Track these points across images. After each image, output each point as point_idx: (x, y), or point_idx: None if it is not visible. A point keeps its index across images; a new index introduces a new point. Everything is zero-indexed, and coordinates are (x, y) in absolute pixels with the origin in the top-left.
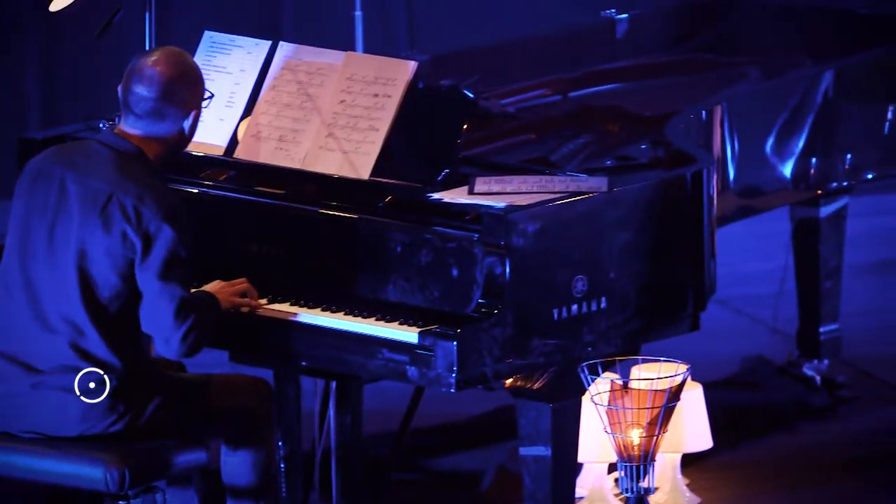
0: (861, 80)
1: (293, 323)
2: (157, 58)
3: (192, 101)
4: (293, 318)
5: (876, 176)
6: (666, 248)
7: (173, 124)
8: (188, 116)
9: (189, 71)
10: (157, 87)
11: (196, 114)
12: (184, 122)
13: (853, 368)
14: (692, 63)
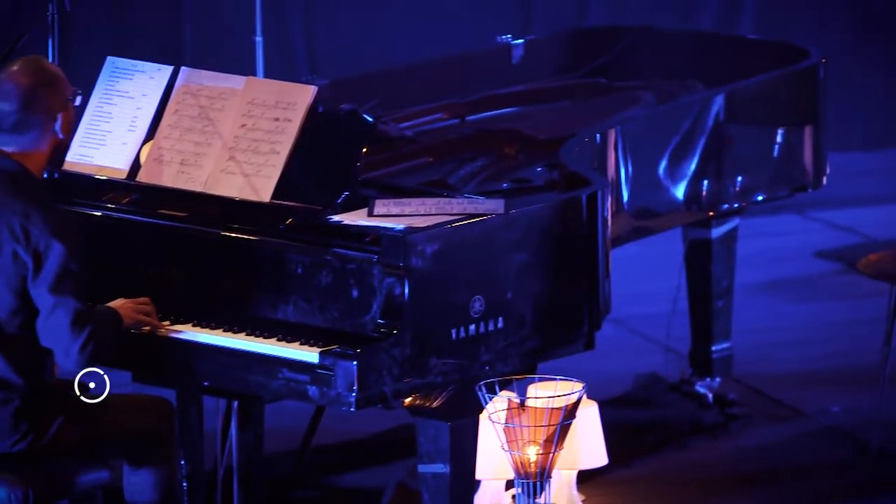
0: (751, 104)
1: (195, 344)
2: (12, 71)
3: (55, 104)
4: (195, 338)
5: (766, 198)
6: (562, 269)
7: (43, 132)
8: (56, 120)
9: (46, 75)
10: (16, 98)
11: (65, 115)
12: (55, 125)
13: (744, 386)
14: (587, 87)
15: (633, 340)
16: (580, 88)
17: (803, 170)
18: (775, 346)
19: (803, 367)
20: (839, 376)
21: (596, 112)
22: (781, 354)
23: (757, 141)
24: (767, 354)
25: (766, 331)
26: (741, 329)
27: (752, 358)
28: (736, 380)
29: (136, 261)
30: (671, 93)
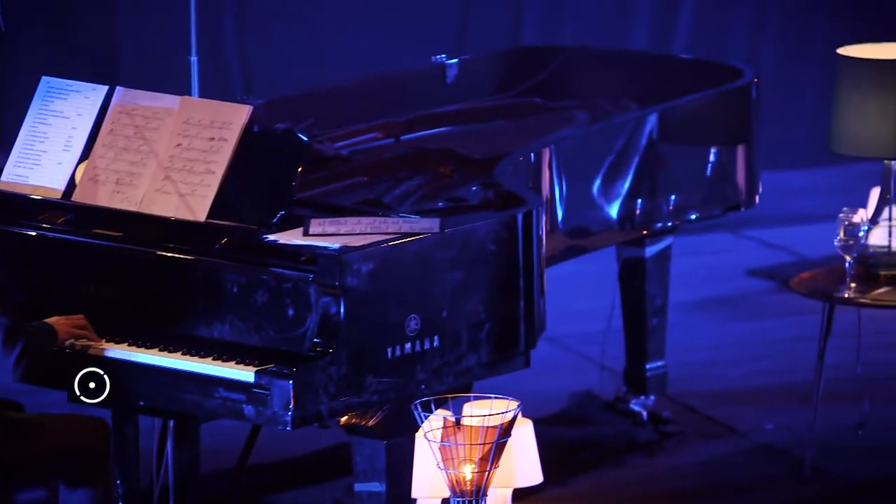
0: (684, 123)
1: (131, 363)
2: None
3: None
4: (130, 358)
5: (699, 216)
6: (497, 288)
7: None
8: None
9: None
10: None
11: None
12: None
13: (678, 404)
14: (521, 107)
15: (568, 359)
16: (515, 108)
17: (736, 188)
18: (709, 363)
19: (737, 385)
20: (773, 394)
21: (531, 131)
22: (715, 372)
23: (690, 160)
24: (701, 372)
25: (700, 349)
26: (675, 347)
27: (686, 376)
28: (670, 397)
29: (72, 280)
30: (605, 112)
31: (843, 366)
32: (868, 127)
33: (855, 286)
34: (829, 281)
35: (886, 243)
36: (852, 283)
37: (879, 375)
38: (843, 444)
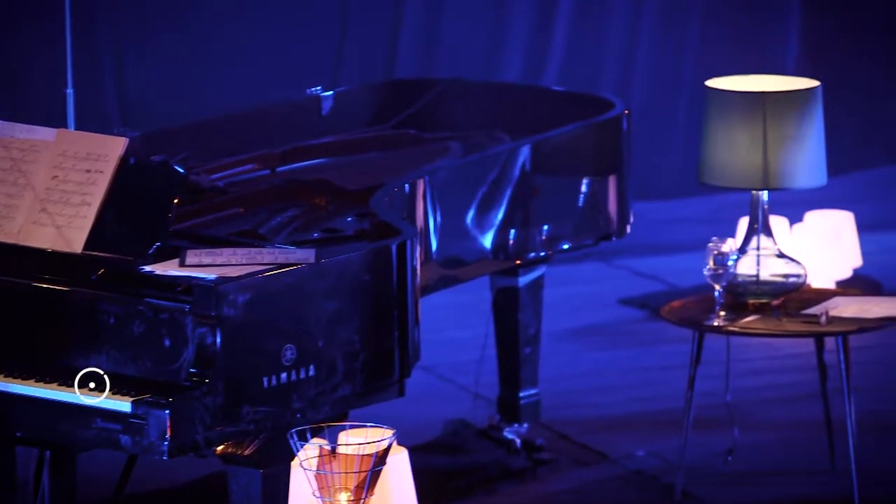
0: (556, 154)
1: (7, 394)
2: None
3: None
4: (7, 389)
5: (571, 246)
6: (372, 317)
7: None
8: None
9: None
10: None
11: None
12: None
13: (551, 431)
14: (396, 138)
15: (443, 387)
16: (390, 139)
17: (608, 218)
18: (581, 391)
19: (609, 413)
20: (644, 421)
21: (405, 162)
22: (588, 400)
23: (562, 191)
24: (574, 400)
25: (573, 377)
26: (548, 375)
27: (559, 403)
28: (543, 425)
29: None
30: (479, 144)
31: (713, 393)
32: (736, 158)
33: (724, 314)
34: (699, 309)
35: (755, 272)
36: (722, 311)
37: (748, 402)
38: (712, 470)
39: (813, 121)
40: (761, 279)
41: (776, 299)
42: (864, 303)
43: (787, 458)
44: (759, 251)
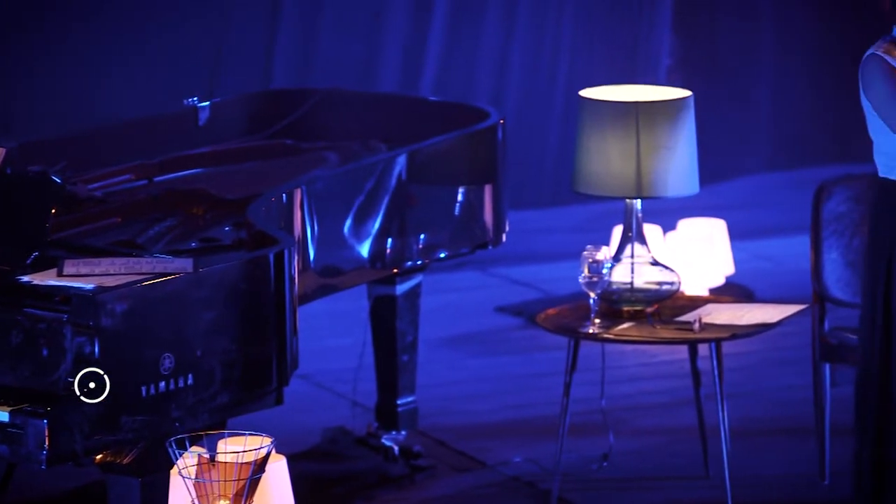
0: (432, 164)
1: None
2: None
3: None
4: None
5: (448, 255)
6: (250, 326)
7: None
8: None
9: None
10: None
11: None
12: None
13: (429, 438)
14: (273, 148)
15: (321, 395)
16: (267, 149)
17: (484, 227)
18: (459, 398)
19: (486, 419)
20: (521, 427)
21: (283, 172)
22: (465, 407)
23: (439, 200)
24: (451, 407)
25: (450, 384)
26: (426, 383)
27: (436, 410)
28: (421, 432)
29: None
30: (355, 153)
31: (588, 399)
32: (609, 167)
33: (599, 322)
34: (575, 317)
35: (629, 280)
36: (596, 318)
37: (623, 408)
38: (587, 476)
39: (685, 130)
40: (635, 287)
41: (650, 306)
42: (736, 310)
43: (662, 463)
44: (633, 259)
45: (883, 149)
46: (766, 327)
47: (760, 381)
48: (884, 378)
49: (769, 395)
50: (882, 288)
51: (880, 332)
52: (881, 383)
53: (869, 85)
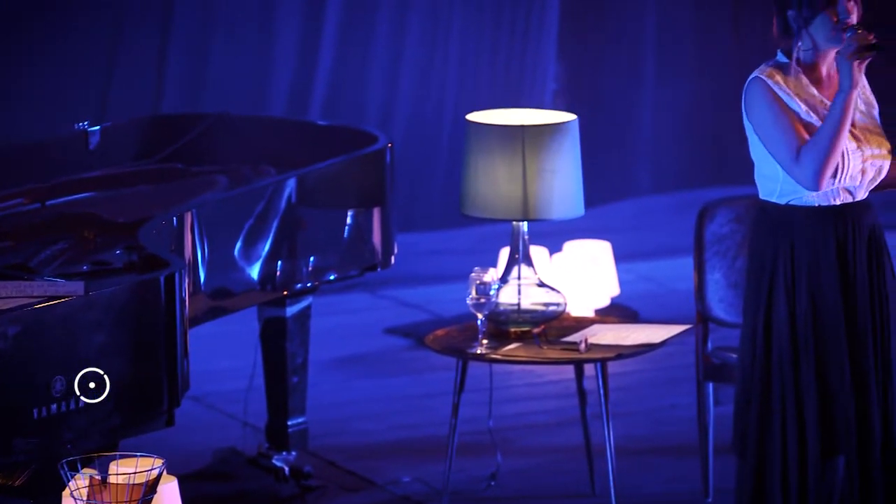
0: (322, 187)
1: None
2: None
3: None
4: None
5: (337, 277)
6: (141, 348)
7: None
8: None
9: None
10: None
11: None
12: None
13: (319, 459)
14: (164, 172)
15: (212, 416)
16: (158, 173)
17: (373, 250)
18: (349, 419)
19: (375, 439)
20: (409, 447)
21: (173, 196)
22: (354, 427)
23: (328, 223)
24: (341, 427)
25: (340, 405)
26: (316, 404)
27: (326, 431)
28: (311, 453)
29: None
30: (245, 177)
31: (476, 419)
32: (496, 190)
33: (487, 343)
34: (463, 338)
35: (516, 301)
36: (484, 339)
37: (510, 428)
38: (476, 495)
39: (570, 153)
40: (522, 308)
41: (537, 327)
42: (621, 330)
43: (549, 482)
44: (520, 280)
45: (764, 171)
46: (650, 347)
47: (645, 401)
48: (764, 397)
49: (654, 413)
50: (763, 309)
51: (760, 351)
52: (761, 402)
53: (750, 109)
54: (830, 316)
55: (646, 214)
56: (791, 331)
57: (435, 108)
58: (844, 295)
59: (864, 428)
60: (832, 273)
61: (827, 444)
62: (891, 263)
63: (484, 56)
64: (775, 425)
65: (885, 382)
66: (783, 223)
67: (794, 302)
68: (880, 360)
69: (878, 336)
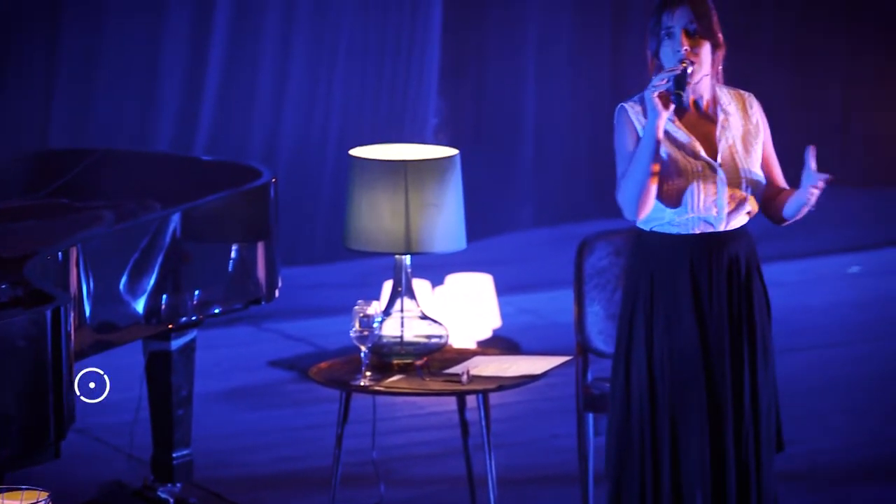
0: (206, 222)
1: None
2: None
3: None
4: None
5: (222, 311)
6: (26, 382)
7: None
8: None
9: None
10: None
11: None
12: None
13: (204, 490)
14: (49, 207)
15: (98, 449)
16: (43, 208)
17: (257, 283)
18: (233, 451)
19: (260, 471)
20: (294, 479)
21: (59, 231)
22: (240, 459)
23: (213, 257)
24: (226, 459)
25: (225, 437)
26: (201, 435)
27: (211, 463)
28: (196, 485)
29: None
30: (131, 212)
31: (360, 451)
32: (380, 224)
33: (370, 375)
34: (346, 370)
35: (399, 334)
36: (368, 371)
37: (394, 459)
38: None
39: (452, 187)
40: (405, 340)
41: (420, 359)
42: (502, 362)
43: None
44: (402, 313)
45: None
46: (531, 378)
47: (527, 431)
48: (623, 427)
49: (535, 444)
50: (625, 338)
51: (622, 381)
52: (619, 432)
53: (614, 134)
54: (687, 348)
55: (527, 248)
56: (648, 360)
57: (319, 143)
58: (700, 325)
59: (717, 465)
60: (687, 302)
61: (682, 480)
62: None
63: (367, 91)
64: (634, 457)
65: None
66: (647, 249)
67: (651, 331)
68: (747, 394)
69: (739, 370)
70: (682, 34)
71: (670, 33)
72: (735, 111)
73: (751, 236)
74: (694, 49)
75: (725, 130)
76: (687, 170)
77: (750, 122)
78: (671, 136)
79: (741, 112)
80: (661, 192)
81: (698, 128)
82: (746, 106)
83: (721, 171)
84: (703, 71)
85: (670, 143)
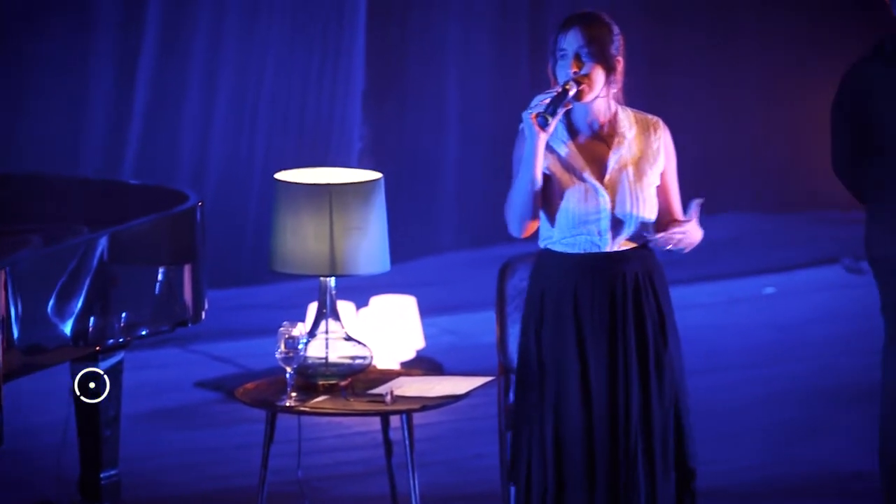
0: (133, 245)
1: None
2: None
3: None
4: None
5: (149, 332)
6: None
7: None
8: None
9: None
10: None
11: None
12: None
13: None
14: None
15: (26, 470)
16: None
17: (184, 305)
18: (161, 471)
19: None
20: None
21: None
22: (167, 479)
23: (140, 280)
24: (153, 479)
25: (153, 457)
26: (128, 456)
27: (139, 483)
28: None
29: None
30: (58, 236)
31: (286, 470)
32: (305, 246)
33: (296, 395)
34: (272, 391)
35: (324, 355)
36: (293, 392)
37: (319, 478)
38: None
39: (376, 211)
40: (330, 361)
41: (344, 380)
42: (426, 382)
43: None
44: (327, 335)
45: None
46: (454, 398)
47: (450, 450)
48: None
49: (458, 463)
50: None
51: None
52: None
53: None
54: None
55: (449, 270)
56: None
57: (245, 166)
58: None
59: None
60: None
61: None
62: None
63: (292, 116)
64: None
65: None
66: (540, 267)
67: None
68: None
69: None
70: (574, 57)
71: (563, 55)
72: (634, 135)
73: (650, 258)
74: (583, 72)
75: (616, 153)
76: (570, 190)
77: (649, 148)
78: (559, 155)
79: (641, 136)
80: (547, 211)
81: (589, 149)
82: (650, 131)
83: (605, 192)
84: (594, 93)
85: (558, 162)
